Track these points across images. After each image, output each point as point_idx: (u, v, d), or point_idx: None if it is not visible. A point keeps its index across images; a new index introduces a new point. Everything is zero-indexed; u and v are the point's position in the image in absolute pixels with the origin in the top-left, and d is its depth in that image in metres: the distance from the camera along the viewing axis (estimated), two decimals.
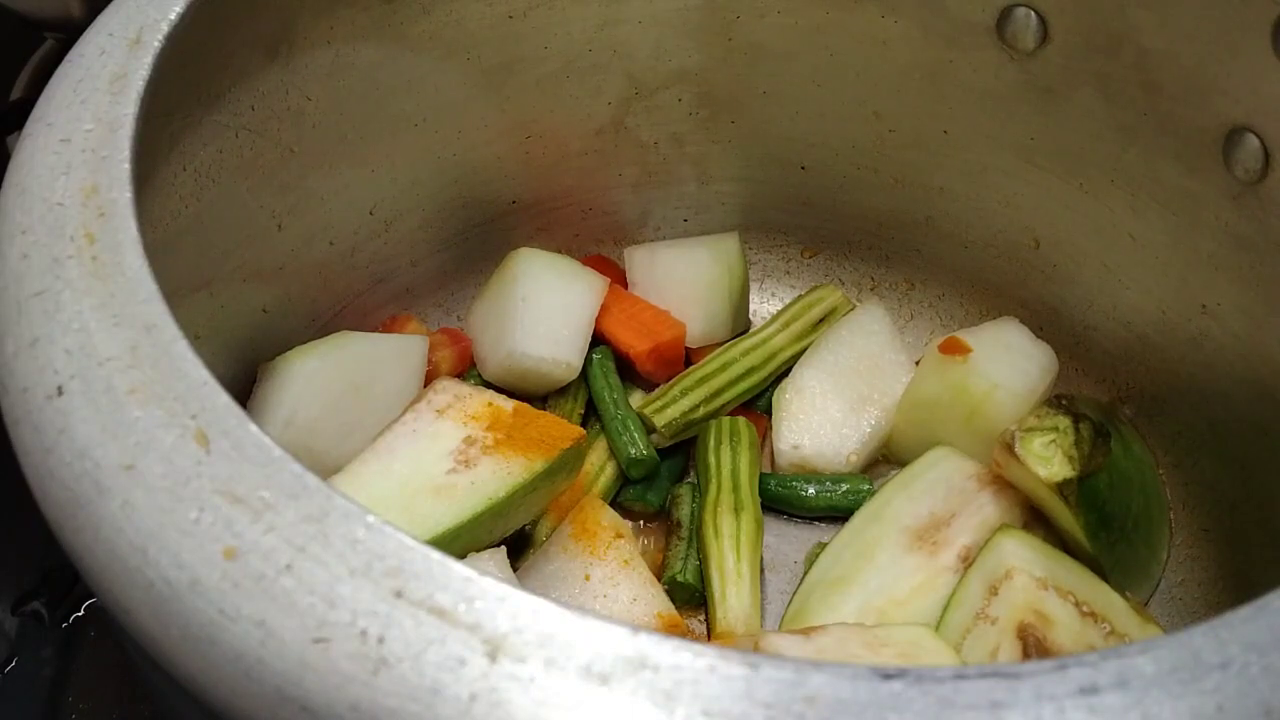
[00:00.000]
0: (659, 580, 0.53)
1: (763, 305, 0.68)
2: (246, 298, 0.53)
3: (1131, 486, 0.53)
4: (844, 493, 0.58)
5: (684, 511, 0.57)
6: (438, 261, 0.64)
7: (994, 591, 0.48)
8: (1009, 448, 0.50)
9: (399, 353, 0.57)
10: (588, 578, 0.51)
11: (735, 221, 0.68)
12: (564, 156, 0.64)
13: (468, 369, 0.61)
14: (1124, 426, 0.55)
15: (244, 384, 0.53)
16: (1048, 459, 0.50)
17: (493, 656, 0.25)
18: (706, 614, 0.54)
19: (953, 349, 0.57)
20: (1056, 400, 0.52)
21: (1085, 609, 0.47)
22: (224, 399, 0.30)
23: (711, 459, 0.58)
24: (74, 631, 0.56)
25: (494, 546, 0.49)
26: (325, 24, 0.51)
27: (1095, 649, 0.36)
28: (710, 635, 0.53)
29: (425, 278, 0.63)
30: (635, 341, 0.62)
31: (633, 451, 0.57)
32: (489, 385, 0.60)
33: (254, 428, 0.29)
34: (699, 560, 0.55)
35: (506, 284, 0.61)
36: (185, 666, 0.27)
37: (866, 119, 0.62)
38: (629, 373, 0.62)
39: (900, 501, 0.54)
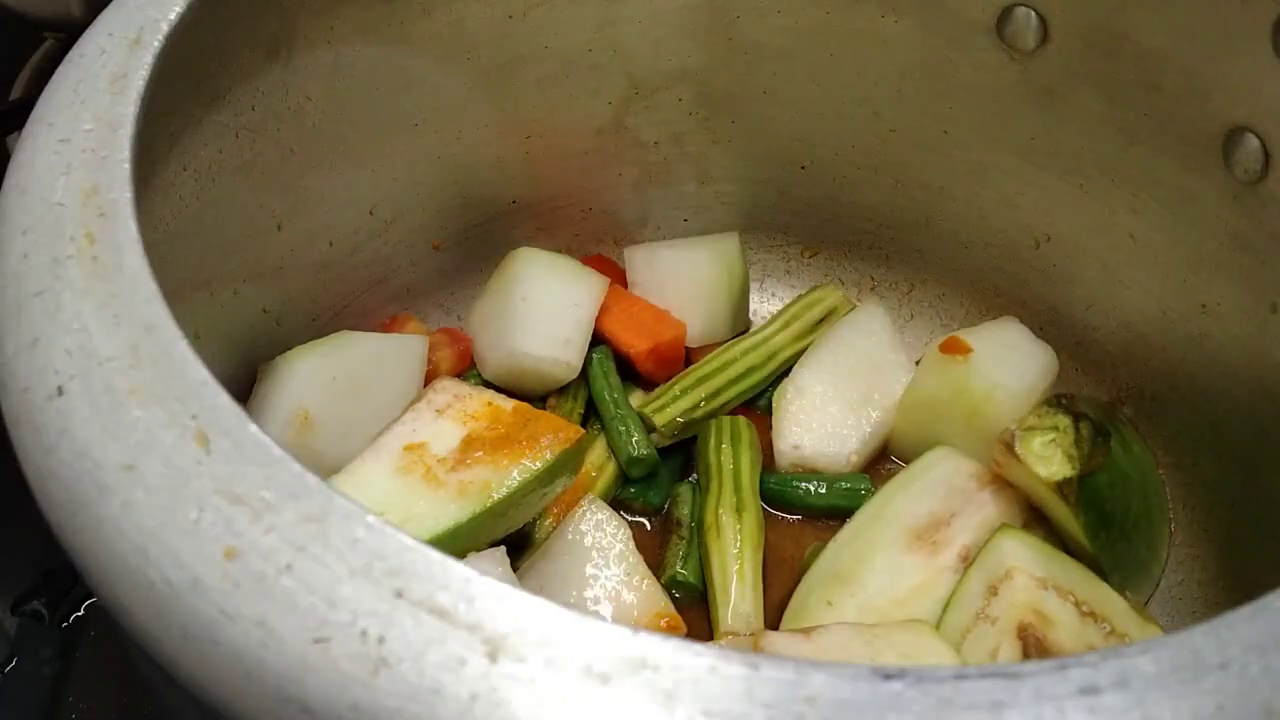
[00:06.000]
0: (659, 580, 0.53)
1: (763, 305, 0.68)
2: (246, 298, 0.53)
3: (1131, 486, 0.53)
4: (844, 492, 0.58)
5: (684, 511, 0.57)
6: (438, 261, 0.64)
7: (994, 591, 0.48)
8: (1009, 447, 0.50)
9: (399, 353, 0.57)
10: (588, 578, 0.51)
11: (735, 221, 0.68)
12: (564, 156, 0.64)
13: (468, 369, 0.61)
14: (1124, 426, 0.55)
15: (244, 384, 0.53)
16: (1047, 458, 0.50)
17: (493, 656, 0.25)
18: (707, 614, 0.54)
19: (953, 349, 0.57)
20: (1056, 399, 0.52)
21: (1085, 609, 0.47)
22: (224, 399, 0.30)
23: (712, 458, 0.58)
24: (74, 631, 0.56)
25: (494, 546, 0.49)
26: (325, 24, 0.51)
27: (1095, 649, 0.36)
28: (711, 635, 0.53)
29: (425, 278, 0.64)
30: (635, 341, 0.62)
31: (633, 451, 0.57)
32: (489, 385, 0.60)
33: (254, 428, 0.29)
34: (699, 559, 0.55)
35: (506, 284, 0.61)
36: (185, 666, 0.27)
37: (867, 119, 0.62)
38: (629, 372, 0.62)
39: (900, 501, 0.54)
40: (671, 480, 0.59)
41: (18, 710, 0.54)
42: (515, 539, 0.52)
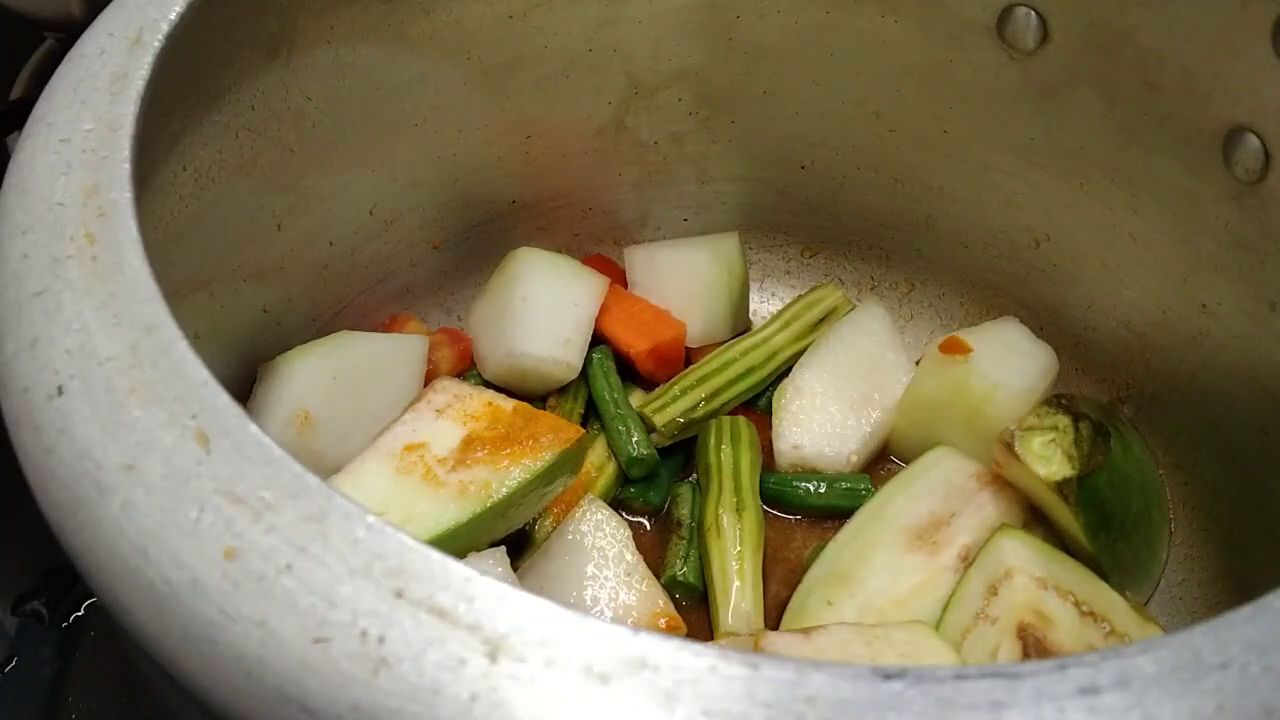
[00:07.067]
0: (659, 580, 0.53)
1: (763, 305, 0.68)
2: (246, 298, 0.53)
3: (1131, 486, 0.53)
4: (844, 492, 0.58)
5: (684, 511, 0.57)
6: (438, 261, 0.64)
7: (994, 591, 0.48)
8: (1009, 447, 0.50)
9: (399, 353, 0.57)
10: (588, 578, 0.51)
11: (735, 221, 0.68)
12: (564, 156, 0.64)
13: (468, 369, 0.61)
14: (1124, 426, 0.55)
15: (244, 384, 0.53)
16: (1047, 458, 0.50)
17: (493, 656, 0.25)
18: (707, 614, 0.54)
19: (953, 349, 0.57)
20: (1056, 399, 0.52)
21: (1085, 609, 0.47)
22: (224, 399, 0.30)
23: (712, 458, 0.58)
24: (74, 631, 0.56)
25: (494, 546, 0.49)
26: (325, 24, 0.51)
27: (1095, 649, 0.36)
28: (711, 635, 0.53)
29: (425, 278, 0.64)
30: (635, 341, 0.62)
31: (633, 451, 0.57)
32: (489, 385, 0.60)
33: (254, 428, 0.29)
34: (699, 559, 0.55)
35: (506, 284, 0.61)
36: (185, 666, 0.27)
37: (866, 119, 0.62)
38: (629, 372, 0.62)
39: (900, 501, 0.54)
40: (671, 480, 0.59)
41: (18, 710, 0.54)
42: (515, 539, 0.52)
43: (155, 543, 0.28)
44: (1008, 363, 0.57)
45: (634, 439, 0.58)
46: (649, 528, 0.58)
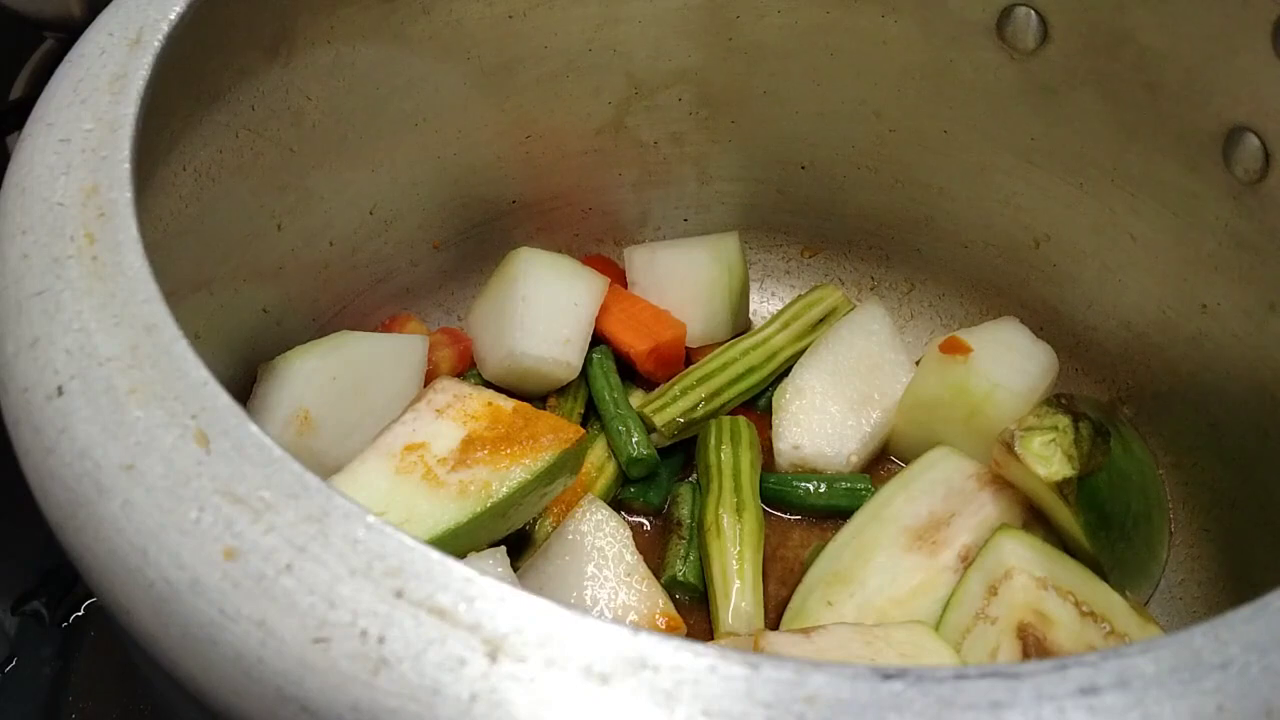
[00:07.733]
0: (659, 580, 0.53)
1: (763, 305, 0.68)
2: (246, 298, 0.53)
3: (1131, 486, 0.53)
4: (844, 492, 0.58)
5: (684, 511, 0.57)
6: (438, 261, 0.64)
7: (994, 591, 0.48)
8: (1008, 447, 0.50)
9: (399, 353, 0.57)
10: (588, 577, 0.51)
11: (735, 221, 0.68)
12: (564, 156, 0.64)
13: (468, 369, 0.61)
14: (1124, 426, 0.55)
15: (244, 384, 0.53)
16: (1047, 458, 0.50)
17: (493, 656, 0.25)
18: (707, 614, 0.54)
19: (953, 349, 0.57)
20: (1056, 399, 0.52)
21: (1085, 609, 0.47)
22: (224, 399, 0.30)
23: (712, 458, 0.58)
24: (74, 631, 0.56)
25: (494, 546, 0.49)
26: (325, 24, 0.51)
27: (1095, 649, 0.36)
28: (711, 635, 0.53)
29: (425, 278, 0.64)
30: (635, 341, 0.62)
31: (633, 451, 0.57)
32: (489, 385, 0.60)
33: (254, 428, 0.29)
34: (699, 559, 0.55)
35: (506, 284, 0.61)
36: (185, 666, 0.27)
37: (866, 118, 0.62)
38: (629, 372, 0.62)
39: (900, 501, 0.54)
40: (671, 480, 0.59)
41: (18, 710, 0.54)
42: (515, 539, 0.52)
43: (155, 543, 0.28)
44: (1008, 363, 0.57)
45: (634, 439, 0.58)
46: (649, 528, 0.58)
